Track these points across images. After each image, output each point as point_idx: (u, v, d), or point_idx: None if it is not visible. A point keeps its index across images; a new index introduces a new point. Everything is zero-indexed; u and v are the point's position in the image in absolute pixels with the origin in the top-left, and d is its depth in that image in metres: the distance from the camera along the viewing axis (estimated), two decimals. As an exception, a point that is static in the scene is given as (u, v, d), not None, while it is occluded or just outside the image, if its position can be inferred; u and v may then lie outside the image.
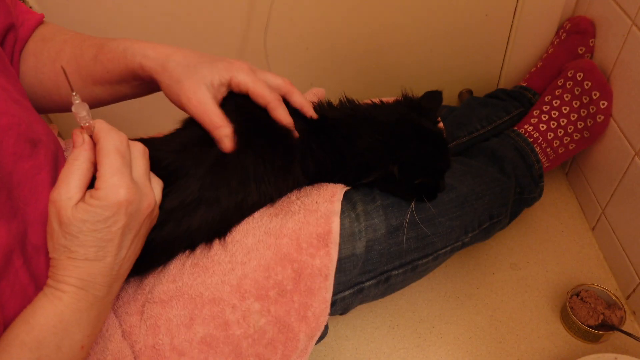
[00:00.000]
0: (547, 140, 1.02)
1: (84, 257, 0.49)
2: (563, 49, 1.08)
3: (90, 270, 0.50)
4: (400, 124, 0.71)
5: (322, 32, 1.11)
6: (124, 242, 0.52)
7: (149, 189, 0.54)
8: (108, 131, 0.52)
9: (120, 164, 0.51)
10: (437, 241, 0.77)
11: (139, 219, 0.53)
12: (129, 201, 0.50)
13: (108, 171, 0.50)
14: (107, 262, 0.51)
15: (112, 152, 0.51)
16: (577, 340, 0.95)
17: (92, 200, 0.49)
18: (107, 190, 0.49)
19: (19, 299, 0.50)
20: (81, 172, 0.51)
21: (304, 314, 0.65)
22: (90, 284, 0.50)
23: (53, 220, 0.50)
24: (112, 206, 0.49)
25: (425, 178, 0.71)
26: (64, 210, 0.49)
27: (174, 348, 0.61)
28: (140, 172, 0.54)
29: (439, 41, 1.15)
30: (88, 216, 0.48)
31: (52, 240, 0.50)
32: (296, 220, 0.66)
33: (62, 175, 0.50)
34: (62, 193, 0.49)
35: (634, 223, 0.93)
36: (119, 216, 0.50)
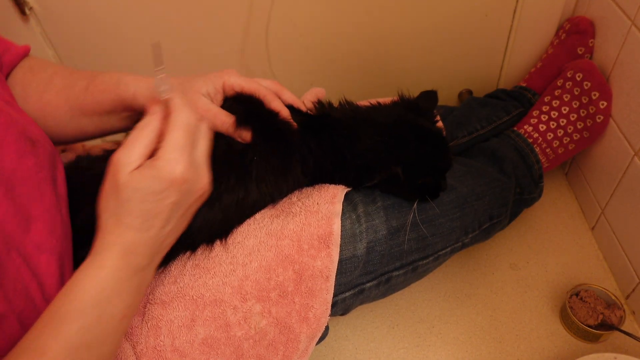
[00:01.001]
0: (547, 141, 1.02)
1: (129, 226, 0.49)
2: (563, 49, 1.08)
3: (134, 239, 0.50)
4: (400, 124, 0.72)
5: (322, 33, 1.11)
6: (171, 218, 0.51)
7: (205, 170, 0.54)
8: (182, 107, 0.52)
9: (185, 142, 0.51)
10: (437, 242, 0.77)
11: (190, 198, 0.52)
12: (184, 179, 0.50)
13: (171, 145, 0.50)
14: (151, 234, 0.50)
15: (181, 127, 0.51)
16: (576, 340, 0.95)
17: (148, 171, 0.49)
18: (165, 164, 0.49)
19: (22, 297, 0.50)
20: (146, 140, 0.51)
21: (305, 315, 0.65)
22: (132, 254, 0.50)
23: (108, 182, 0.50)
24: (166, 181, 0.49)
25: (427, 178, 0.71)
26: (121, 174, 0.48)
27: (175, 349, 0.61)
28: (201, 153, 0.54)
29: (438, 41, 1.15)
30: (141, 185, 0.48)
31: (103, 201, 0.50)
32: (297, 221, 0.66)
33: (128, 140, 0.51)
34: (123, 156, 0.49)
35: (633, 223, 0.93)
36: (171, 192, 0.50)
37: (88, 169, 0.66)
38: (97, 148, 0.80)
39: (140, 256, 0.51)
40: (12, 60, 0.69)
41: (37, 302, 0.52)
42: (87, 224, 0.62)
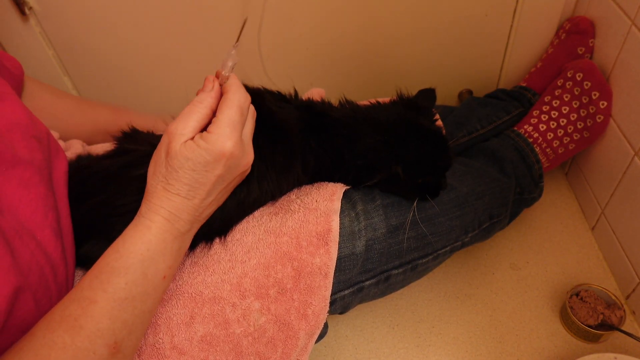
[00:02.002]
0: (547, 141, 1.02)
1: (176, 192, 0.53)
2: (563, 49, 1.08)
3: (179, 205, 0.54)
4: (399, 123, 0.72)
5: (322, 33, 1.11)
6: (213, 190, 0.55)
7: (250, 149, 0.58)
8: (238, 87, 0.56)
9: (237, 119, 0.55)
10: (437, 241, 0.77)
11: (234, 173, 0.56)
12: (232, 154, 0.54)
13: (224, 121, 0.54)
14: (194, 202, 0.54)
15: (236, 106, 0.55)
16: (576, 340, 0.95)
17: (200, 142, 0.53)
18: (217, 137, 0.53)
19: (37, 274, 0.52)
20: (201, 114, 0.55)
21: (303, 312, 0.65)
22: (176, 219, 0.54)
23: (162, 149, 0.54)
24: (216, 154, 0.53)
25: (427, 177, 0.71)
26: (174, 143, 0.53)
27: (174, 347, 0.61)
28: (248, 133, 0.58)
29: (439, 41, 1.15)
30: (192, 155, 0.52)
31: (155, 167, 0.55)
32: (296, 218, 0.66)
33: (184, 112, 0.55)
34: (179, 127, 0.53)
35: (633, 223, 0.93)
36: (218, 165, 0.54)
37: (88, 168, 0.66)
38: (98, 148, 0.80)
39: (183, 221, 0.55)
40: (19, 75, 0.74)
41: (50, 284, 0.54)
42: (86, 220, 0.62)
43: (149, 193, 0.55)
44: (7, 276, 0.47)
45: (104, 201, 0.62)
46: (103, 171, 0.64)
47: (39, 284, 0.51)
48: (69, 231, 0.60)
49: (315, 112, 0.71)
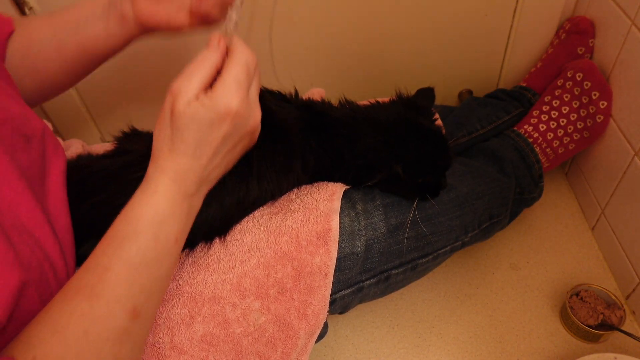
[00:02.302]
0: (547, 141, 1.02)
1: (182, 152, 0.52)
2: (563, 49, 1.08)
3: (185, 166, 0.53)
4: (399, 123, 0.72)
5: (322, 33, 1.11)
6: (220, 149, 0.54)
7: (257, 109, 0.56)
8: (245, 46, 0.55)
9: (244, 78, 0.53)
10: (436, 241, 0.77)
11: (241, 133, 0.55)
12: (238, 113, 0.52)
13: (230, 79, 0.52)
14: (201, 162, 0.53)
15: (242, 64, 0.53)
16: (576, 340, 0.95)
17: (205, 100, 0.51)
18: (223, 95, 0.51)
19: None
20: (205, 72, 0.53)
21: (303, 312, 0.65)
22: (183, 180, 0.53)
23: (167, 110, 0.52)
24: (222, 112, 0.52)
25: (427, 176, 0.71)
26: (178, 103, 0.51)
27: (174, 346, 0.61)
28: (254, 92, 0.56)
29: (439, 41, 1.15)
30: (198, 115, 0.51)
31: (160, 129, 0.53)
32: (296, 218, 0.66)
33: (187, 70, 0.53)
34: (182, 86, 0.51)
35: (633, 223, 0.93)
36: (224, 123, 0.52)
37: (87, 167, 0.66)
38: (98, 147, 0.80)
39: (190, 182, 0.54)
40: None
41: (50, 282, 0.53)
42: (87, 220, 0.62)
43: (154, 156, 0.54)
44: (13, 270, 0.47)
45: (104, 201, 0.62)
46: (103, 171, 0.64)
47: (40, 280, 0.51)
48: (68, 230, 0.60)
49: (315, 111, 0.71)
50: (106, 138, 1.20)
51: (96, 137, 1.20)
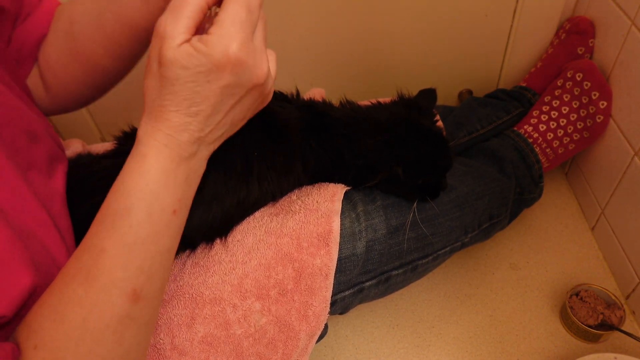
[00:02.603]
0: (547, 141, 1.02)
1: (175, 109, 0.45)
2: (563, 49, 1.08)
3: (178, 125, 0.46)
4: (400, 124, 0.72)
5: (322, 33, 1.11)
6: (221, 105, 0.47)
7: (264, 56, 0.47)
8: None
9: (245, 17, 0.44)
10: (437, 241, 0.77)
11: (246, 85, 0.46)
12: (239, 59, 0.44)
13: (228, 19, 0.44)
14: (197, 120, 0.46)
15: (242, 2, 0.44)
16: (576, 340, 0.95)
17: (199, 45, 0.43)
18: (220, 39, 0.43)
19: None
20: (194, 7, 0.44)
21: (304, 313, 0.65)
22: (175, 141, 0.46)
23: (153, 59, 0.45)
24: (218, 58, 0.43)
25: (427, 177, 0.71)
26: (166, 49, 0.43)
27: (174, 347, 0.61)
28: (259, 37, 0.47)
29: (438, 41, 1.15)
30: (190, 62, 0.43)
31: (148, 79, 0.46)
32: (297, 219, 0.66)
33: (172, 6, 0.44)
34: (168, 27, 0.43)
35: (633, 223, 0.93)
36: (223, 73, 0.44)
37: (87, 167, 0.66)
38: (98, 147, 0.80)
39: (185, 143, 0.47)
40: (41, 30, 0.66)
41: None
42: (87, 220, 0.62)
43: (144, 113, 0.47)
44: (28, 271, 0.46)
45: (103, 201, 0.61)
46: (103, 171, 0.64)
47: (49, 283, 0.50)
48: (70, 232, 0.60)
49: (316, 112, 0.71)
50: (106, 138, 1.20)
51: (96, 137, 1.20)
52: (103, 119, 1.17)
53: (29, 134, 0.58)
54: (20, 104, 0.58)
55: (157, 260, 0.48)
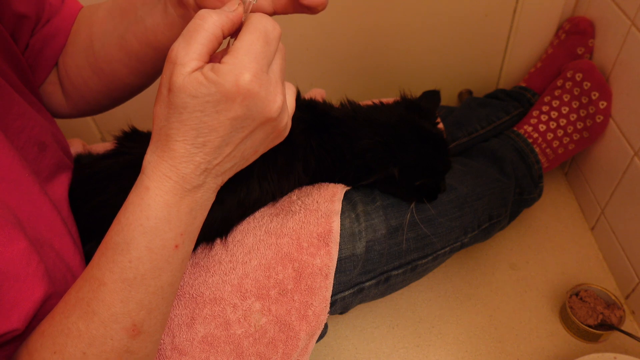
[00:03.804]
0: (547, 141, 1.02)
1: (181, 138, 0.43)
2: (562, 50, 1.08)
3: (183, 156, 0.44)
4: (400, 125, 0.72)
5: (322, 33, 1.11)
6: (230, 138, 0.44)
7: (279, 89, 0.45)
8: (264, 15, 0.45)
9: (260, 49, 0.42)
10: (436, 241, 0.77)
11: (257, 118, 0.44)
12: (250, 91, 0.42)
13: (242, 49, 0.42)
14: (204, 151, 0.44)
15: (259, 32, 0.43)
16: (576, 340, 0.95)
17: (210, 73, 0.41)
18: (232, 68, 0.41)
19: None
20: (208, 35, 0.43)
21: (304, 313, 0.65)
22: (179, 174, 0.44)
23: (164, 85, 0.43)
24: (230, 88, 0.41)
25: (425, 179, 0.71)
26: (176, 75, 0.41)
27: (175, 347, 0.61)
28: (276, 69, 0.45)
29: (438, 41, 1.15)
30: (199, 91, 0.41)
31: (157, 106, 0.44)
32: (297, 219, 0.66)
33: (186, 32, 0.43)
34: (180, 53, 0.42)
35: (633, 223, 0.93)
36: (233, 104, 0.42)
37: (88, 167, 0.66)
38: (98, 147, 0.80)
39: (190, 175, 0.45)
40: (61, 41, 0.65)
41: None
42: (88, 221, 0.62)
43: (152, 139, 0.45)
44: (41, 283, 0.46)
45: (105, 201, 0.62)
46: (104, 171, 0.64)
47: (64, 291, 0.50)
48: (78, 236, 0.60)
49: (317, 112, 0.71)
50: (106, 138, 1.20)
51: (96, 137, 1.20)
52: (103, 119, 1.17)
53: (40, 144, 0.58)
54: (32, 112, 0.58)
55: (158, 295, 0.47)
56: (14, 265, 0.45)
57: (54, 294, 0.48)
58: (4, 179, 0.50)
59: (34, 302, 0.45)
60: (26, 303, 0.45)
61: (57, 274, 0.50)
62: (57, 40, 0.65)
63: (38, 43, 0.64)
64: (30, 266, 0.46)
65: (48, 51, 0.65)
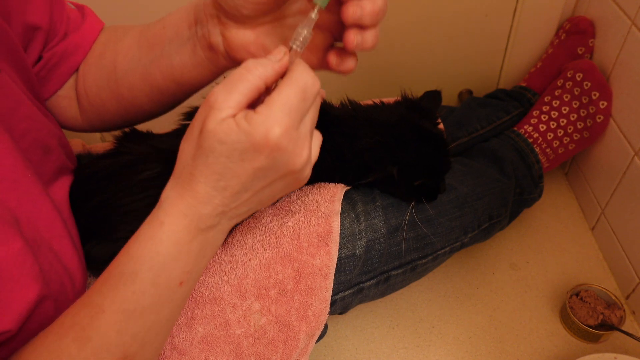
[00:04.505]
0: (547, 141, 1.02)
1: (203, 180, 0.44)
2: (563, 49, 1.08)
3: (203, 197, 0.44)
4: (400, 125, 0.71)
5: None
6: (250, 185, 0.45)
7: (306, 144, 0.46)
8: (307, 68, 0.45)
9: (296, 104, 0.43)
10: (436, 241, 0.77)
11: (280, 171, 0.45)
12: (278, 145, 0.42)
13: (279, 102, 0.42)
14: (224, 195, 0.45)
15: (298, 87, 0.43)
16: (576, 340, 0.95)
17: (242, 122, 0.42)
18: (265, 119, 0.41)
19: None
20: (250, 86, 0.43)
21: (304, 313, 0.65)
22: (196, 213, 0.45)
23: (196, 123, 0.44)
24: (259, 140, 0.42)
25: (424, 180, 0.71)
26: (210, 119, 0.42)
27: (174, 347, 0.61)
28: (308, 123, 0.46)
29: (439, 41, 1.15)
30: (229, 138, 0.42)
31: (186, 143, 0.45)
32: (296, 219, 0.66)
33: (229, 80, 0.43)
34: (219, 99, 0.42)
35: (633, 223, 0.93)
36: (260, 155, 0.43)
37: (88, 167, 0.66)
38: (98, 147, 0.80)
39: (206, 216, 0.45)
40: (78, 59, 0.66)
41: (68, 294, 0.53)
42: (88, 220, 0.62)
43: (174, 174, 0.46)
44: (35, 284, 0.46)
45: (104, 201, 0.62)
46: (103, 171, 0.64)
47: (58, 293, 0.50)
48: (78, 239, 0.60)
49: None
50: (106, 138, 1.20)
51: (96, 136, 1.20)
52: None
53: (45, 147, 0.58)
54: (39, 114, 0.59)
55: (154, 330, 0.47)
56: (8, 265, 0.45)
57: (48, 295, 0.48)
58: (6, 178, 0.50)
59: (28, 302, 0.45)
60: (19, 304, 0.45)
61: (54, 276, 0.50)
62: (74, 58, 0.66)
63: (55, 57, 0.64)
64: (25, 267, 0.46)
65: (64, 67, 0.65)
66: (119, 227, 0.61)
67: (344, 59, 0.55)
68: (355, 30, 0.49)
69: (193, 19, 0.57)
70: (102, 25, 0.69)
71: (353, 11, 0.47)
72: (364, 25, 0.50)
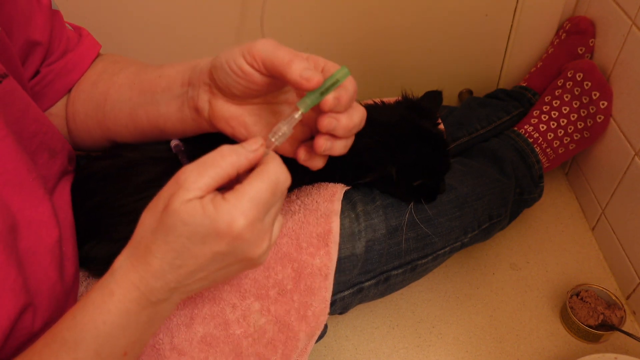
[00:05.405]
0: (547, 141, 1.02)
1: (160, 256, 0.43)
2: (563, 49, 1.08)
3: (157, 272, 0.44)
4: (400, 125, 0.71)
5: (322, 32, 1.11)
6: (206, 266, 0.45)
7: (268, 236, 0.46)
8: (281, 164, 0.45)
9: (266, 198, 0.43)
10: (436, 241, 0.77)
11: (238, 257, 0.45)
12: (241, 236, 0.43)
13: (248, 194, 0.42)
14: (178, 273, 0.44)
15: (271, 182, 0.43)
16: (577, 340, 0.95)
17: (209, 206, 0.42)
18: (231, 208, 0.42)
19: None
20: (221, 171, 0.43)
21: (303, 314, 0.65)
22: (148, 287, 0.44)
23: (162, 198, 0.44)
24: (221, 228, 0.42)
25: (424, 180, 0.71)
26: (176, 198, 0.42)
27: (173, 347, 0.61)
28: (272, 216, 0.46)
29: (439, 41, 1.15)
30: (193, 220, 0.42)
31: (148, 212, 0.45)
32: (296, 219, 0.66)
33: (202, 161, 0.43)
34: (189, 179, 0.42)
35: (634, 223, 0.93)
36: (221, 242, 0.43)
37: (85, 168, 0.66)
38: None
39: (159, 291, 0.45)
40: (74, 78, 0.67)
41: (60, 303, 0.53)
42: (86, 221, 0.62)
43: (131, 242, 0.45)
44: (18, 297, 0.45)
45: (102, 202, 0.62)
46: (100, 172, 0.64)
47: (49, 302, 0.49)
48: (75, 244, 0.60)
49: None
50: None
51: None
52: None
53: (51, 150, 0.59)
54: (45, 118, 0.59)
55: None
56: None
57: (35, 304, 0.47)
58: (10, 182, 0.50)
59: (8, 319, 0.44)
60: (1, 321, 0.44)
61: (44, 285, 0.49)
62: (71, 76, 0.67)
63: (51, 74, 0.65)
64: (7, 282, 0.45)
65: (58, 84, 0.66)
66: (119, 227, 0.61)
67: (313, 157, 0.55)
68: (326, 137, 0.50)
69: (187, 79, 0.58)
70: (100, 47, 0.70)
71: (328, 122, 0.49)
72: (337, 136, 0.51)
